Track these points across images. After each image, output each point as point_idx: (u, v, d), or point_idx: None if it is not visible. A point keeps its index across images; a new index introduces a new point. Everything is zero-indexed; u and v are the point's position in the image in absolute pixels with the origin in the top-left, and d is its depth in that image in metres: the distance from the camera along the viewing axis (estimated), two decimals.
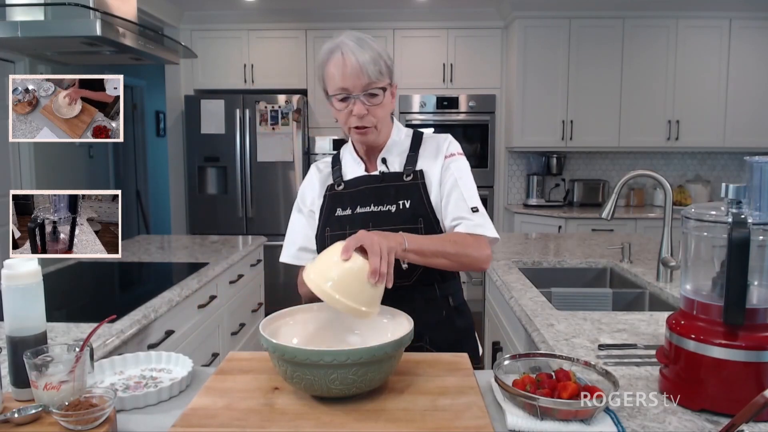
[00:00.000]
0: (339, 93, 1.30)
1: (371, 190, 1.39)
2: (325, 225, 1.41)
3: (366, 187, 1.39)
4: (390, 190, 1.37)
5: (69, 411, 0.87)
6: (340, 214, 1.39)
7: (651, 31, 4.48)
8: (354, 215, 1.37)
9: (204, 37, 4.75)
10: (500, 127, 4.85)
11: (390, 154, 1.42)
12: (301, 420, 0.92)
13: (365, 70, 1.27)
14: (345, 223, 1.37)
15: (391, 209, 1.35)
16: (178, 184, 4.91)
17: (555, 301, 1.94)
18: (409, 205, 1.35)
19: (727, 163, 4.93)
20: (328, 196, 1.43)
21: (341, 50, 1.28)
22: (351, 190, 1.41)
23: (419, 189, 1.37)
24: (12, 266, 0.98)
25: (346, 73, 1.27)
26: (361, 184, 1.40)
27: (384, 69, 1.31)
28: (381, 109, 1.33)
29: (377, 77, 1.29)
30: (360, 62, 1.26)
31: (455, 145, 1.43)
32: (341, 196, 1.41)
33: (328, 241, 1.37)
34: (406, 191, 1.37)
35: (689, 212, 1.02)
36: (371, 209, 1.36)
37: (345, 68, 1.27)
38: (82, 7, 2.00)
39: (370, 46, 1.30)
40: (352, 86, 1.28)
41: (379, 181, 1.39)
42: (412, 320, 1.06)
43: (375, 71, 1.28)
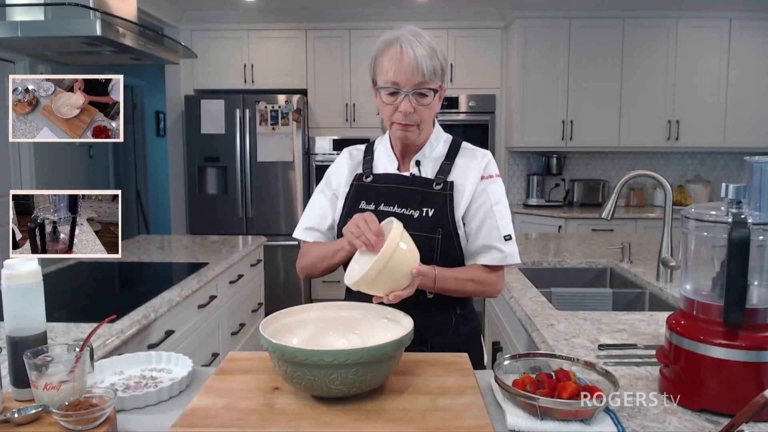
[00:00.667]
0: (389, 87, 1.27)
1: (398, 191, 1.37)
2: (347, 215, 1.38)
3: (394, 186, 1.38)
4: (417, 195, 1.35)
5: (69, 411, 0.87)
6: (363, 207, 1.37)
7: (651, 31, 4.48)
8: (376, 212, 1.35)
9: (204, 37, 4.75)
10: (500, 127, 4.85)
11: (425, 157, 1.40)
12: (301, 420, 0.92)
13: (421, 68, 1.24)
14: None
15: (413, 214, 1.33)
16: (178, 184, 4.91)
17: (555, 301, 1.94)
18: (432, 214, 1.33)
19: (727, 163, 4.93)
20: (356, 186, 1.41)
21: (401, 43, 1.26)
22: (378, 185, 1.39)
23: (446, 200, 1.34)
24: (12, 266, 0.98)
25: (401, 68, 1.24)
26: (390, 182, 1.39)
27: (439, 70, 1.29)
28: (428, 110, 1.31)
29: (431, 77, 1.26)
30: (417, 59, 1.24)
31: (493, 166, 1.40)
32: (368, 189, 1.40)
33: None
34: (432, 199, 1.34)
35: (689, 212, 1.02)
36: (394, 210, 1.35)
37: (401, 62, 1.24)
38: (82, 7, 2.00)
39: (428, 44, 1.27)
40: (404, 82, 1.26)
41: (408, 183, 1.37)
42: (413, 322, 1.06)
43: (430, 71, 1.26)
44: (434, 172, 1.38)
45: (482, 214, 1.34)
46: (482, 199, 1.35)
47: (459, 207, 1.34)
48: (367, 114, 4.79)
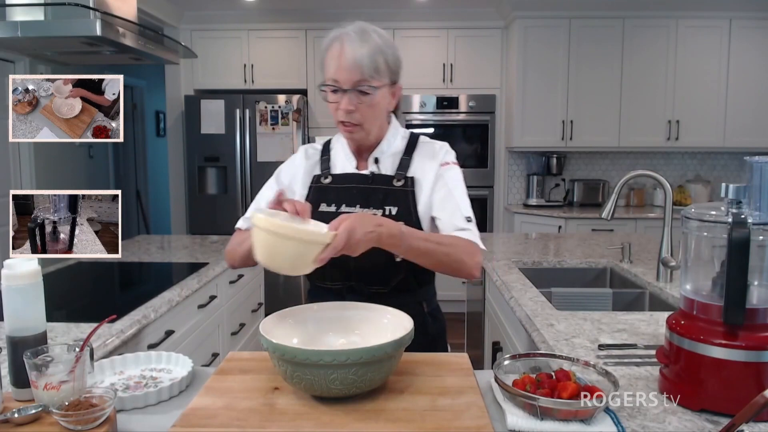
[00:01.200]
0: (330, 84, 1.26)
1: (359, 191, 1.34)
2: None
3: (354, 186, 1.35)
4: (378, 194, 1.33)
5: (69, 411, 0.87)
6: (324, 210, 1.34)
7: (651, 31, 4.48)
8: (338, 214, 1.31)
9: (204, 37, 4.75)
10: (500, 127, 4.85)
11: (383, 154, 1.37)
12: (301, 420, 0.92)
13: (360, 65, 1.22)
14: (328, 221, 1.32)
15: (376, 213, 1.30)
16: (178, 184, 4.91)
17: (555, 301, 1.94)
18: (396, 213, 1.31)
19: (727, 163, 4.93)
20: (314, 188, 1.39)
21: (341, 40, 1.25)
22: (338, 186, 1.36)
23: (408, 196, 1.32)
24: (12, 266, 0.98)
25: (340, 66, 1.23)
26: (350, 182, 1.36)
27: (383, 67, 1.26)
28: (371, 109, 1.28)
29: (372, 75, 1.24)
30: (356, 57, 1.22)
31: (452, 155, 1.40)
32: (327, 191, 1.37)
33: None
34: (394, 197, 1.32)
35: (689, 212, 1.02)
36: (357, 210, 1.32)
37: (340, 60, 1.23)
38: (82, 7, 2.00)
39: (372, 40, 1.25)
40: (343, 80, 1.24)
41: (368, 181, 1.35)
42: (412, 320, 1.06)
43: (370, 68, 1.23)
44: (394, 168, 1.36)
45: (442, 198, 1.32)
46: (440, 184, 1.34)
47: (421, 202, 1.33)
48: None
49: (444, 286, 5.17)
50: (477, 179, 4.86)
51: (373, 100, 1.27)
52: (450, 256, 1.22)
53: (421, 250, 1.19)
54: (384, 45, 1.26)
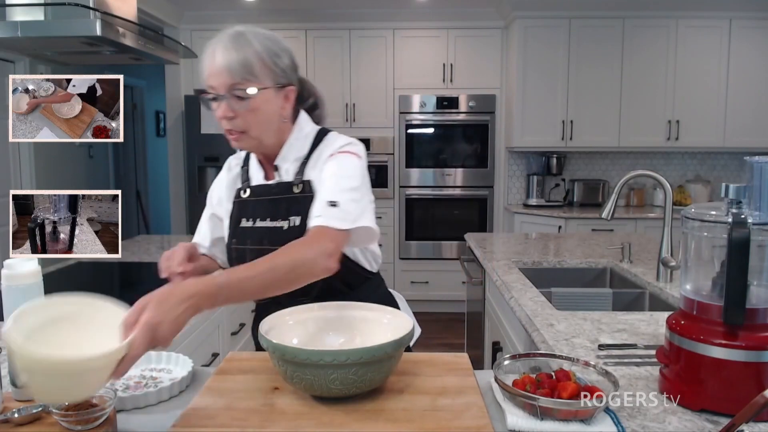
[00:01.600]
0: (208, 92, 1.20)
1: (267, 203, 1.27)
2: (232, 236, 1.31)
3: (264, 198, 1.28)
4: (281, 204, 1.25)
5: (69, 411, 0.87)
6: (244, 225, 1.29)
7: (651, 31, 4.48)
8: (254, 229, 1.27)
9: (204, 37, 4.73)
10: (500, 127, 4.85)
11: (285, 160, 1.28)
12: (301, 420, 0.92)
13: (230, 69, 1.15)
14: (246, 237, 1.28)
15: (283, 226, 1.24)
16: (178, 184, 4.91)
17: (555, 301, 1.94)
18: (299, 222, 1.22)
19: (727, 163, 4.93)
20: (236, 203, 1.33)
21: (213, 45, 1.18)
22: (254, 199, 1.30)
23: (308, 202, 1.21)
24: (12, 266, 0.99)
25: (211, 71, 1.18)
26: (261, 194, 1.29)
27: (259, 70, 1.17)
28: (253, 114, 1.19)
29: (245, 77, 1.16)
30: (226, 60, 1.15)
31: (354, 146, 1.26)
32: (247, 205, 1.31)
33: (233, 254, 1.29)
34: (297, 205, 1.24)
35: (689, 212, 1.02)
36: (267, 224, 1.26)
37: (211, 66, 1.18)
38: (82, 7, 2.00)
39: (247, 43, 1.17)
40: (217, 85, 1.18)
41: (272, 191, 1.27)
42: (412, 320, 1.06)
43: (242, 71, 1.15)
44: (295, 173, 1.28)
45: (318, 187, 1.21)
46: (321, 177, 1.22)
47: None
48: (367, 114, 4.80)
49: (444, 286, 5.19)
50: (477, 179, 4.86)
51: (252, 105, 1.18)
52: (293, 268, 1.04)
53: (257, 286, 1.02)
54: (263, 47, 1.18)
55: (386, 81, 4.80)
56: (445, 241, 4.86)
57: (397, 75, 4.79)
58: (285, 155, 1.28)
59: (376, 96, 4.81)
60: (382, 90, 4.80)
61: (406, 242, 4.89)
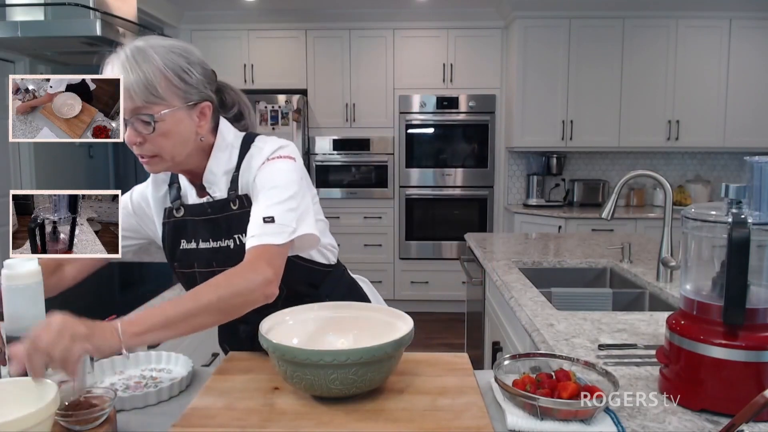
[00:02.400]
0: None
1: (204, 223, 1.19)
2: (171, 260, 1.24)
3: (200, 219, 1.20)
4: (221, 223, 1.18)
5: (69, 411, 0.87)
6: (186, 248, 1.22)
7: (651, 31, 4.48)
8: (198, 251, 1.20)
9: (204, 37, 4.75)
10: (500, 127, 4.85)
11: (213, 175, 1.18)
12: (301, 420, 0.92)
13: (128, 92, 1.03)
14: (193, 259, 1.21)
15: (229, 245, 1.17)
16: None
17: (555, 301, 1.94)
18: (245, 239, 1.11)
19: (727, 163, 4.93)
20: (169, 224, 1.23)
21: (110, 64, 1.07)
22: (190, 218, 1.21)
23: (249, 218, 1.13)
24: (12, 266, 0.99)
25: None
26: (195, 214, 1.20)
27: (164, 90, 1.06)
28: (163, 138, 1.08)
29: (148, 100, 1.04)
30: (125, 83, 1.02)
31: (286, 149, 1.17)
32: (184, 225, 1.21)
33: (181, 277, 1.25)
34: (238, 223, 1.15)
35: (689, 212, 1.02)
36: (210, 245, 1.19)
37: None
38: (82, 7, 2.00)
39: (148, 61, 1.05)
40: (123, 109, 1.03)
41: (208, 212, 1.19)
42: (412, 320, 1.06)
43: (144, 93, 1.04)
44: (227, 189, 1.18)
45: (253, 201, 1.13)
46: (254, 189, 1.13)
47: None
48: (367, 114, 4.80)
49: (444, 286, 5.17)
50: (477, 179, 4.86)
51: (161, 128, 1.07)
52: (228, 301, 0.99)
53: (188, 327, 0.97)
54: (166, 63, 1.06)
55: (386, 81, 4.80)
56: (445, 241, 4.86)
57: (397, 75, 4.80)
58: (213, 169, 1.18)
59: (376, 96, 4.81)
60: (382, 90, 4.80)
61: (406, 242, 4.89)
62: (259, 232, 1.06)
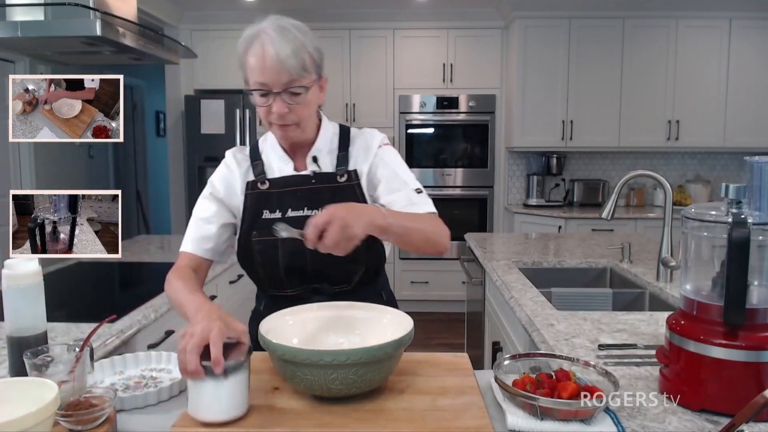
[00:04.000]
0: (258, 89, 1.18)
1: (303, 192, 1.29)
2: (251, 229, 1.29)
3: (297, 189, 1.29)
4: (324, 193, 1.27)
5: (69, 411, 0.87)
6: (268, 217, 1.28)
7: (651, 31, 4.48)
8: (285, 219, 1.26)
9: (204, 37, 4.75)
10: (500, 127, 4.85)
11: (320, 152, 1.31)
12: (301, 420, 0.92)
13: (286, 65, 1.14)
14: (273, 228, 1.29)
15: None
16: (178, 184, 4.91)
17: (555, 301, 1.94)
18: None
19: (727, 163, 4.93)
20: (251, 195, 1.31)
21: (262, 41, 1.15)
22: (279, 191, 1.30)
23: (355, 190, 1.29)
24: (12, 266, 0.99)
25: (265, 68, 1.15)
26: (291, 185, 1.29)
27: (309, 64, 1.19)
28: (305, 107, 1.22)
29: (300, 74, 1.16)
30: (281, 57, 1.14)
31: (381, 136, 1.36)
32: (267, 197, 1.30)
33: (255, 245, 1.28)
34: (342, 193, 1.27)
35: (689, 212, 1.02)
36: (305, 213, 1.26)
37: (264, 62, 1.15)
38: (82, 7, 2.00)
39: (294, 36, 1.17)
40: (272, 82, 1.16)
41: (311, 182, 1.29)
42: (412, 320, 1.06)
43: (297, 67, 1.15)
44: (333, 165, 1.31)
45: (388, 181, 1.29)
46: (381, 167, 1.30)
47: (367, 193, 1.31)
48: (367, 114, 4.80)
49: (444, 286, 5.18)
50: (477, 179, 4.86)
51: (305, 99, 1.20)
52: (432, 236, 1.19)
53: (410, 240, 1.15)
54: (305, 39, 1.19)
55: (386, 81, 4.80)
56: None
57: (397, 75, 4.79)
58: (320, 147, 1.32)
59: (376, 96, 4.81)
60: (382, 90, 4.80)
61: None
62: (419, 201, 1.26)
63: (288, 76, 1.15)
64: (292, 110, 1.20)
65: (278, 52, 1.14)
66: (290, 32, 1.17)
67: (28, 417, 0.77)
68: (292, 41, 1.16)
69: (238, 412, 0.91)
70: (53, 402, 0.82)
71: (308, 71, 1.19)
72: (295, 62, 1.15)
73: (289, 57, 1.14)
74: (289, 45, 1.15)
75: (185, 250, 1.31)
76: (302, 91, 1.19)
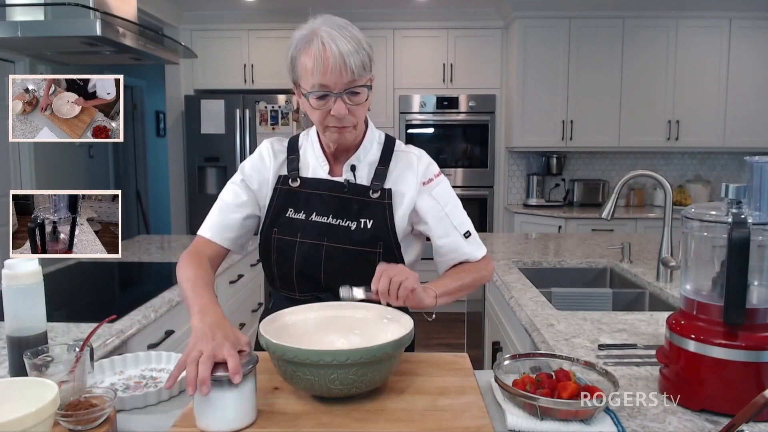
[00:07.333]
0: (317, 90, 1.13)
1: (332, 199, 1.24)
2: (273, 224, 1.26)
3: (327, 194, 1.25)
4: (353, 204, 1.24)
5: (69, 411, 0.87)
6: (292, 216, 1.25)
7: (651, 31, 4.48)
8: (308, 222, 1.24)
9: (204, 37, 4.75)
10: (500, 127, 4.85)
11: (360, 162, 1.27)
12: (301, 420, 0.92)
13: (349, 65, 1.10)
14: (297, 229, 1.24)
15: (351, 226, 1.22)
16: (178, 184, 4.91)
17: (555, 301, 1.94)
18: (371, 225, 1.23)
19: (727, 163, 4.93)
20: (281, 190, 1.27)
21: (322, 40, 1.11)
22: (308, 191, 1.26)
23: (385, 210, 1.24)
24: (12, 266, 0.99)
25: (327, 68, 1.10)
26: (322, 188, 1.25)
27: (367, 61, 1.15)
28: (362, 108, 1.19)
29: (360, 73, 1.13)
30: (344, 56, 1.10)
31: (433, 167, 1.30)
32: (296, 195, 1.26)
33: (274, 243, 1.25)
34: (370, 209, 1.24)
35: (689, 212, 1.02)
36: (329, 221, 1.23)
37: (326, 62, 1.10)
38: (82, 7, 2.00)
39: (352, 34, 1.14)
40: (333, 83, 1.12)
41: (342, 190, 1.25)
42: (412, 320, 1.06)
43: (359, 67, 1.12)
44: (369, 178, 1.26)
45: (436, 220, 1.26)
46: (431, 204, 1.26)
47: (398, 215, 1.25)
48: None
49: None
50: (477, 179, 4.86)
51: (363, 99, 1.17)
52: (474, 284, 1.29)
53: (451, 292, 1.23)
54: (362, 37, 1.16)
55: (386, 81, 4.80)
56: None
57: (397, 75, 4.79)
58: (361, 157, 1.27)
59: (376, 96, 4.75)
60: (382, 90, 4.80)
61: None
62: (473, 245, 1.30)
63: (350, 75, 1.12)
64: (351, 111, 1.16)
65: (341, 51, 1.10)
66: (348, 30, 1.15)
67: (28, 417, 0.77)
68: (352, 39, 1.13)
69: (250, 420, 0.91)
70: (53, 402, 0.82)
71: (367, 69, 1.16)
72: (357, 60, 1.12)
73: (352, 55, 1.11)
74: (349, 43, 1.12)
75: (204, 236, 1.26)
76: (362, 91, 1.16)
